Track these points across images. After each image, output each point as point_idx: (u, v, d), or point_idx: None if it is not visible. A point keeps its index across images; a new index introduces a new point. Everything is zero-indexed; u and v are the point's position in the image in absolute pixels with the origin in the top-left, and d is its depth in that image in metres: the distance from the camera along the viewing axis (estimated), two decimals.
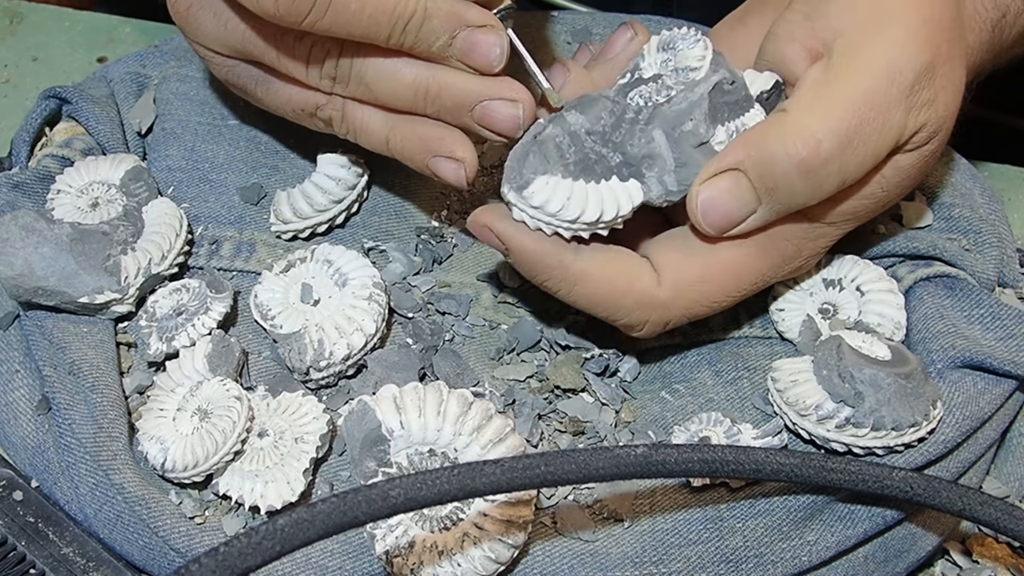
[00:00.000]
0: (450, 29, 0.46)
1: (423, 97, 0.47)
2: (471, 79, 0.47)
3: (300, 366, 0.50)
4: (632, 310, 0.47)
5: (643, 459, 0.41)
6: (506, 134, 0.47)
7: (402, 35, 0.45)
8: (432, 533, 0.45)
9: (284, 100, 0.51)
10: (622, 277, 0.47)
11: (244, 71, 0.51)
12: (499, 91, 0.47)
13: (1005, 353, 0.50)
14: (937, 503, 0.44)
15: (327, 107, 0.50)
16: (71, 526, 0.49)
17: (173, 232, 0.54)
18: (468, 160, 0.48)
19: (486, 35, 0.46)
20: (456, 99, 0.47)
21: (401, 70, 0.47)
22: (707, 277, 0.47)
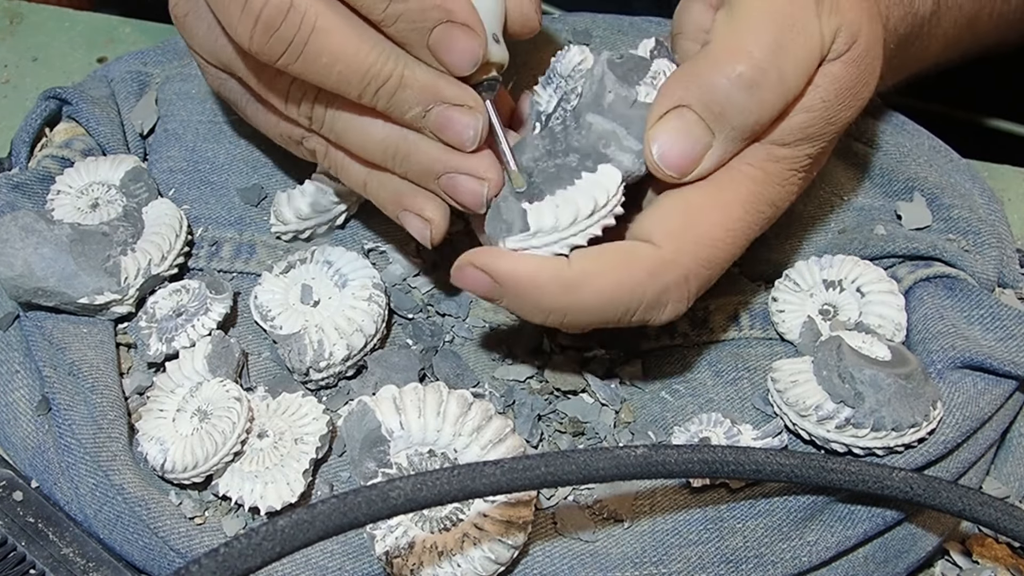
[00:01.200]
0: (424, 103, 0.44)
1: (391, 157, 0.46)
2: (441, 148, 0.46)
3: (300, 367, 0.50)
4: (645, 285, 0.44)
5: (643, 460, 0.41)
6: (470, 208, 0.46)
7: (374, 97, 0.44)
8: (432, 534, 0.45)
9: (271, 125, 0.50)
10: (620, 258, 0.45)
11: (235, 87, 0.51)
12: (467, 166, 0.46)
13: (1005, 353, 0.50)
14: (937, 503, 0.44)
15: (312, 139, 0.49)
16: (71, 526, 0.49)
17: (173, 233, 0.54)
18: (435, 222, 0.47)
19: (461, 115, 0.45)
20: (423, 165, 0.46)
21: (372, 127, 0.46)
22: (695, 219, 0.45)
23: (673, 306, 0.45)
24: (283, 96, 0.47)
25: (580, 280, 0.44)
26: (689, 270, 0.45)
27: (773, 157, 0.47)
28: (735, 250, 0.46)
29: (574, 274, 0.44)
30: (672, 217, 0.46)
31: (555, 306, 0.44)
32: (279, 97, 0.47)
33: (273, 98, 0.47)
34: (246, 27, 0.43)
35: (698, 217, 0.45)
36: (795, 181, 0.48)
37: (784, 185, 0.47)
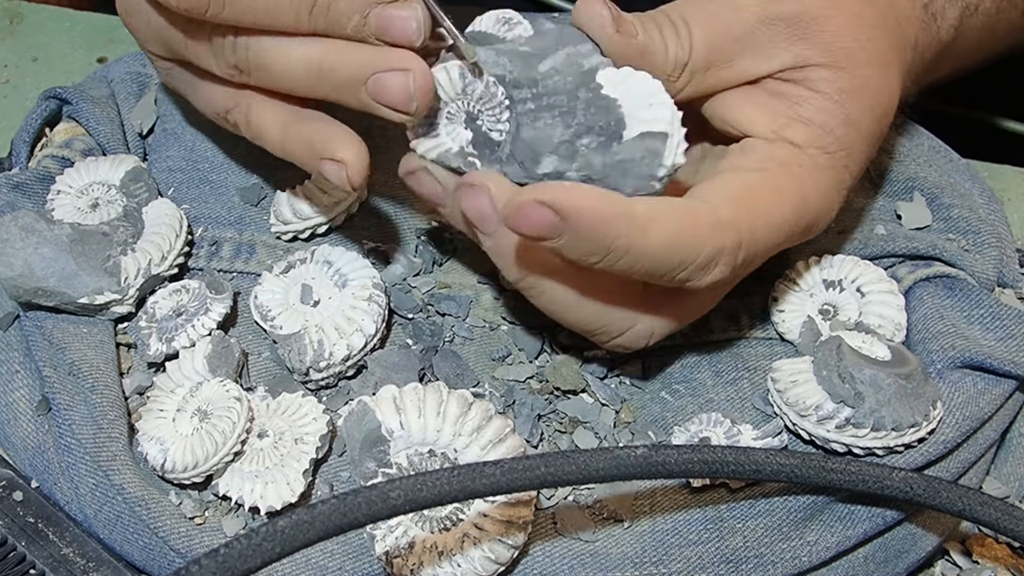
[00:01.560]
0: (360, 9, 0.44)
1: (316, 76, 0.45)
2: (362, 52, 0.45)
3: (300, 367, 0.50)
4: (705, 239, 0.43)
5: (643, 460, 0.41)
6: (399, 107, 0.44)
7: (310, 18, 0.44)
8: (432, 534, 0.45)
9: (206, 102, 0.51)
10: (685, 208, 0.44)
11: (179, 74, 0.51)
12: (389, 62, 0.44)
13: (1005, 353, 0.50)
14: (937, 503, 0.44)
15: (233, 112, 0.49)
16: (71, 526, 0.49)
17: (173, 233, 0.54)
18: (350, 161, 0.46)
19: (399, 9, 0.44)
20: (349, 74, 0.45)
21: (294, 49, 0.45)
22: (754, 195, 0.45)
23: (720, 270, 0.44)
24: (207, 43, 0.47)
25: (647, 219, 0.42)
26: (743, 237, 0.44)
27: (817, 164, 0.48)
28: (778, 238, 0.46)
29: (642, 212, 0.42)
30: (733, 187, 0.46)
31: (618, 244, 0.42)
32: (207, 54, 0.47)
33: (203, 55, 0.47)
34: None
35: (757, 194, 0.46)
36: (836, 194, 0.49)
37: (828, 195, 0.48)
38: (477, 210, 0.44)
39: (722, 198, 0.45)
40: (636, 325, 0.47)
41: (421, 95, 0.44)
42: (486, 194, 0.44)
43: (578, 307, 0.46)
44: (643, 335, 0.48)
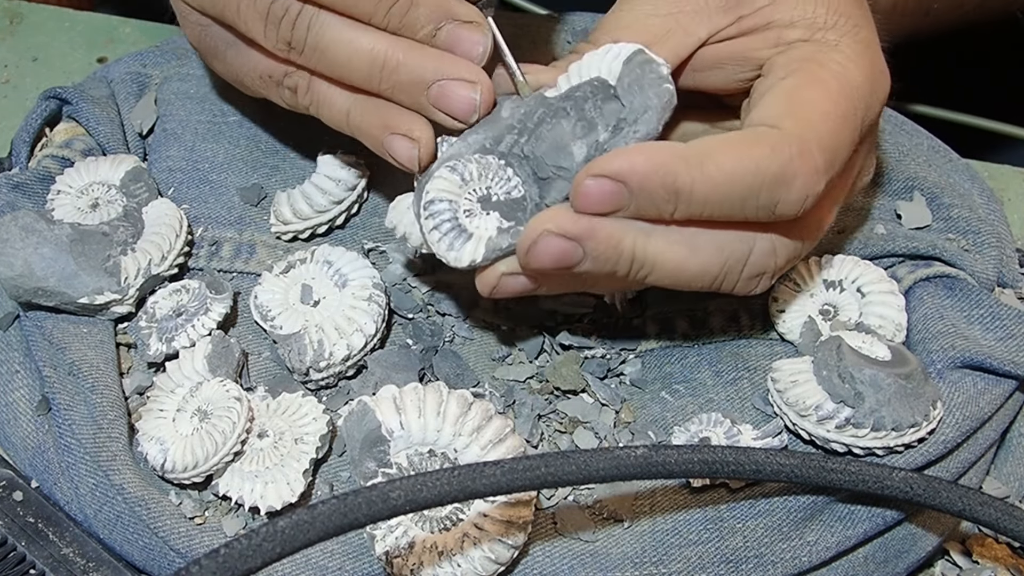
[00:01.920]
0: (436, 20, 0.45)
1: (379, 70, 0.45)
2: (430, 57, 0.45)
3: (300, 367, 0.50)
4: (769, 158, 0.42)
5: (643, 460, 0.41)
6: (461, 118, 0.45)
7: (386, 16, 0.44)
8: (432, 534, 0.45)
9: (252, 66, 0.49)
10: (739, 137, 0.43)
11: (216, 32, 0.50)
12: (458, 71, 0.45)
13: (1005, 353, 0.50)
14: (937, 503, 0.44)
15: (294, 75, 0.48)
16: (71, 526, 0.49)
17: (173, 233, 0.54)
18: (424, 141, 0.46)
19: (471, 32, 0.45)
20: (413, 75, 0.45)
21: (359, 39, 0.45)
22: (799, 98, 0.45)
23: (803, 180, 0.43)
24: (263, 19, 0.46)
25: (702, 154, 0.42)
26: (810, 141, 0.43)
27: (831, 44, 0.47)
28: (843, 123, 0.45)
29: (695, 150, 0.42)
30: (777, 103, 0.45)
31: (680, 184, 0.42)
32: (260, 21, 0.46)
33: (254, 25, 0.46)
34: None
35: (801, 96, 0.45)
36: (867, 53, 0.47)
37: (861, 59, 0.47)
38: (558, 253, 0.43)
39: (774, 117, 0.44)
40: (755, 244, 0.45)
41: (484, 109, 0.46)
42: (551, 238, 0.43)
43: (693, 256, 0.44)
44: (767, 253, 0.45)
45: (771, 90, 0.46)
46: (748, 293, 0.46)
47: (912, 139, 0.60)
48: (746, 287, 0.46)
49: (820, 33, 0.47)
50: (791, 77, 0.46)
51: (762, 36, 0.48)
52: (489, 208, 0.45)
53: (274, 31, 0.46)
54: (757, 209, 0.43)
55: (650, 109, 0.44)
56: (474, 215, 0.45)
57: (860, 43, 0.47)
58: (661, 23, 0.48)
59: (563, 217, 0.43)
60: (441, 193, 0.45)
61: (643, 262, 0.44)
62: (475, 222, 0.45)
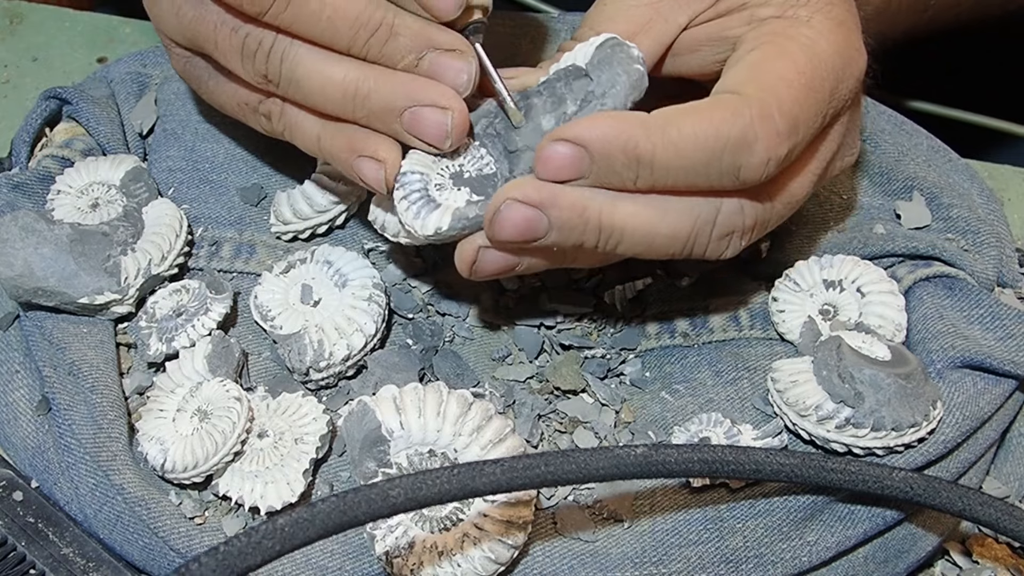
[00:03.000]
0: (417, 50, 0.44)
1: (352, 99, 0.45)
2: (401, 83, 0.45)
3: (300, 367, 0.50)
4: (729, 121, 0.43)
5: (643, 459, 0.41)
6: (434, 142, 0.45)
7: (364, 46, 0.44)
8: (432, 533, 0.45)
9: (230, 94, 0.50)
10: (700, 104, 0.44)
11: (198, 63, 0.51)
12: (430, 97, 0.44)
13: (1005, 353, 0.50)
14: (937, 503, 0.44)
15: (267, 102, 0.48)
16: (71, 526, 0.49)
17: (173, 233, 0.54)
18: (390, 161, 0.45)
19: (454, 60, 0.45)
20: (385, 102, 0.45)
21: (331, 69, 0.45)
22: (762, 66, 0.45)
23: (764, 143, 0.43)
24: (239, 53, 0.46)
25: (663, 121, 0.43)
26: (770, 104, 0.44)
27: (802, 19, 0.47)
28: (808, 93, 0.45)
29: (656, 117, 0.43)
30: (740, 72, 0.46)
31: (642, 151, 0.42)
32: (236, 54, 0.46)
33: (232, 58, 0.47)
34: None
35: (765, 65, 0.45)
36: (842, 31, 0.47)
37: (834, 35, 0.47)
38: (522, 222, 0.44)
39: (734, 84, 0.45)
40: (723, 204, 0.45)
41: (457, 134, 0.45)
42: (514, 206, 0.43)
43: (661, 220, 0.45)
44: (735, 212, 0.45)
45: (738, 62, 0.46)
46: (719, 256, 0.47)
47: (912, 139, 0.60)
48: (717, 249, 0.46)
49: (792, 10, 0.47)
50: (758, 49, 0.46)
51: (737, 15, 0.48)
52: (461, 184, 0.46)
53: (250, 64, 0.46)
54: (721, 174, 0.43)
55: (618, 84, 0.44)
56: (445, 189, 0.46)
57: (832, 20, 0.47)
58: (642, 13, 0.48)
59: (527, 186, 0.44)
60: (414, 166, 0.46)
61: (611, 230, 0.44)
62: (444, 195, 0.46)
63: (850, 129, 0.50)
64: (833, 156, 0.49)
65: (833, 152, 0.49)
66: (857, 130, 0.52)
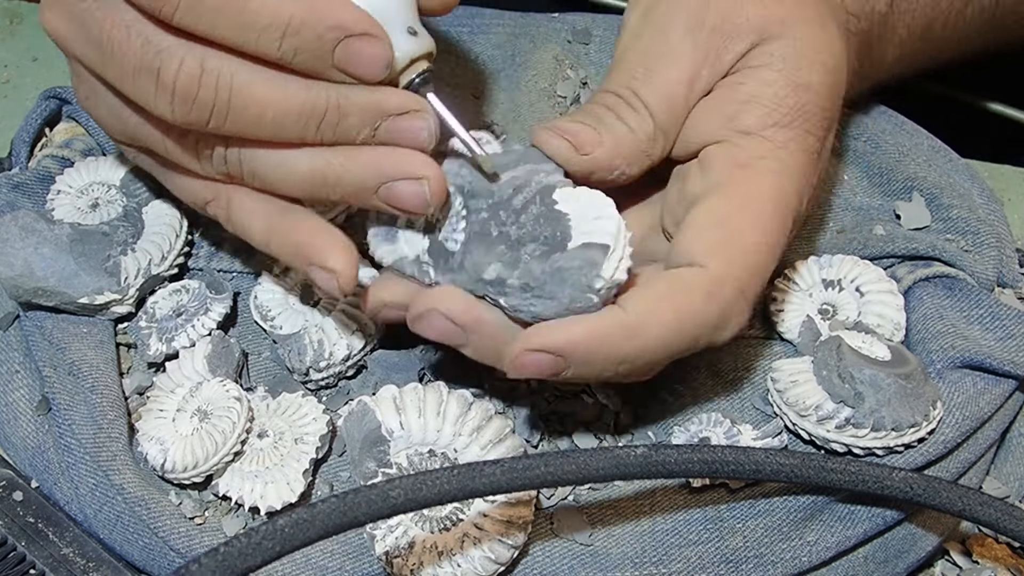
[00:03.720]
0: (371, 122, 0.43)
1: (323, 186, 0.44)
2: (369, 163, 0.43)
3: (300, 367, 0.50)
4: (706, 309, 0.43)
5: (643, 459, 0.41)
6: (417, 212, 0.44)
7: (317, 133, 0.42)
8: (432, 533, 0.45)
9: (180, 192, 0.48)
10: (672, 289, 0.43)
11: (145, 160, 0.49)
12: (400, 170, 0.43)
13: (1004, 353, 0.50)
14: (937, 503, 0.44)
15: (213, 205, 0.47)
16: (71, 526, 0.49)
17: (173, 233, 0.54)
18: (340, 271, 0.44)
19: (410, 121, 0.43)
20: (357, 183, 0.43)
21: (294, 161, 0.43)
22: (731, 229, 0.44)
23: (736, 320, 0.44)
24: (193, 152, 0.45)
25: (641, 321, 0.42)
26: (742, 281, 0.44)
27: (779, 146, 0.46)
28: (776, 250, 0.45)
29: (634, 318, 0.42)
30: (707, 233, 0.45)
31: (624, 355, 0.42)
32: (191, 155, 0.45)
33: (185, 158, 0.45)
34: (165, 102, 0.41)
35: (733, 226, 0.45)
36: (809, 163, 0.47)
37: (801, 169, 0.46)
38: (440, 333, 0.44)
39: (704, 253, 0.44)
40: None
41: (436, 200, 0.44)
42: (438, 317, 0.44)
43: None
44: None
45: (700, 213, 0.45)
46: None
47: (912, 139, 0.60)
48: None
49: (771, 130, 0.46)
50: (726, 191, 0.45)
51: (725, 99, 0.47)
52: (427, 235, 0.45)
53: (209, 166, 0.45)
54: (694, 350, 0.44)
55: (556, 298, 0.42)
56: (413, 229, 0.46)
57: (804, 152, 0.47)
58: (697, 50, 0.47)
59: (456, 302, 0.43)
60: None
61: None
62: (407, 235, 0.46)
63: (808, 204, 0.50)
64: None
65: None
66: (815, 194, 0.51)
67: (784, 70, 0.47)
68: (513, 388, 0.52)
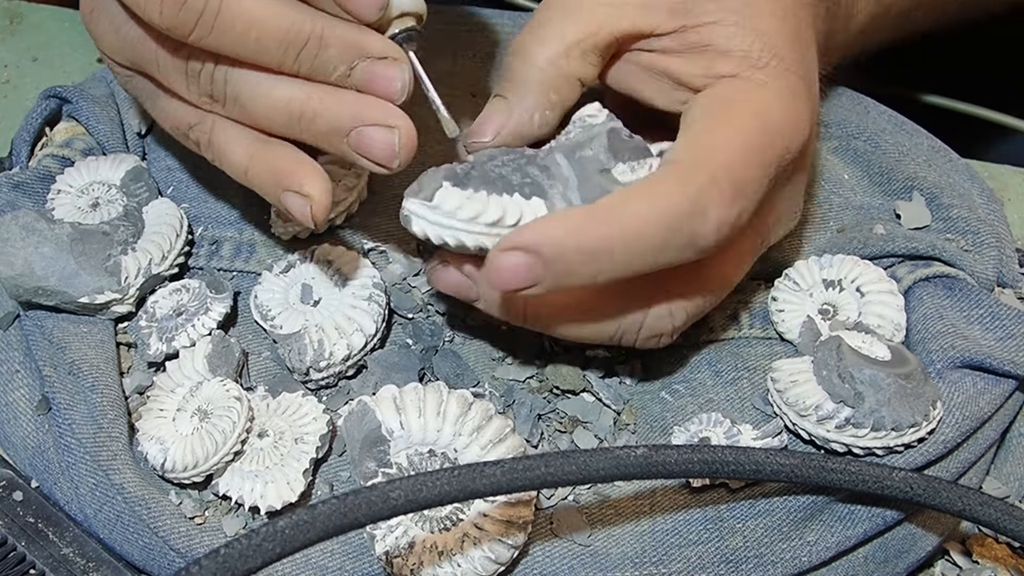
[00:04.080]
0: (348, 60, 0.43)
1: (297, 121, 0.44)
2: (347, 103, 0.44)
3: (300, 366, 0.50)
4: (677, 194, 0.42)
5: (643, 460, 0.41)
6: (382, 162, 0.44)
7: (295, 62, 0.43)
8: (432, 534, 0.45)
9: (166, 116, 0.49)
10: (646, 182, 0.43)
11: (139, 83, 0.49)
12: (375, 116, 0.44)
13: (1004, 353, 0.50)
14: (937, 503, 0.44)
15: (196, 129, 0.47)
16: (71, 526, 0.49)
17: (173, 232, 0.54)
18: (315, 197, 0.44)
19: (387, 68, 0.43)
20: (331, 123, 0.44)
21: (276, 89, 0.44)
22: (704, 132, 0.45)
23: (716, 212, 0.43)
24: (182, 70, 0.45)
25: (614, 210, 0.42)
26: (714, 172, 0.43)
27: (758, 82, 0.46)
28: (756, 161, 0.44)
29: (606, 207, 0.42)
30: (682, 142, 0.45)
31: (600, 244, 0.42)
32: (179, 73, 0.45)
33: (176, 79, 0.46)
34: (155, 3, 0.42)
35: (713, 132, 0.45)
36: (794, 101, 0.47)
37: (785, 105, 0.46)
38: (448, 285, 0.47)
39: (677, 155, 0.44)
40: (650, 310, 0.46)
41: (405, 153, 0.44)
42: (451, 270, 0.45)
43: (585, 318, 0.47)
44: (663, 317, 0.47)
45: (686, 131, 0.46)
46: (649, 347, 0.48)
47: (912, 139, 0.60)
48: (645, 344, 0.48)
49: (750, 71, 0.47)
50: (706, 117, 0.46)
51: (698, 59, 0.47)
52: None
53: (195, 86, 0.45)
54: (680, 248, 0.43)
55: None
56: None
57: (787, 88, 0.47)
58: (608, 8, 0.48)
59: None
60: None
61: (536, 319, 0.47)
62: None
63: (792, 196, 0.50)
64: (772, 229, 0.49)
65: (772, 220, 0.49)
66: (800, 196, 0.52)
67: (741, 24, 0.47)
68: (513, 388, 0.52)
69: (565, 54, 0.47)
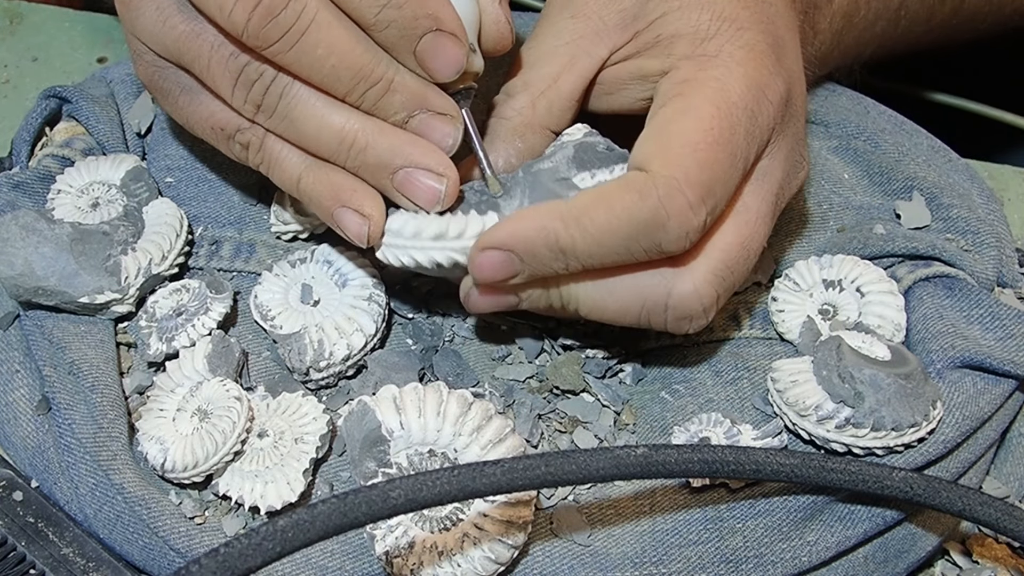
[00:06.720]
0: (411, 108, 0.45)
1: (347, 148, 0.45)
2: (400, 142, 0.45)
3: (300, 366, 0.50)
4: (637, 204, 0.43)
5: (643, 460, 0.41)
6: (423, 205, 0.46)
7: (361, 97, 0.44)
8: (432, 533, 0.45)
9: (206, 115, 0.48)
10: (612, 187, 0.44)
11: (172, 75, 0.48)
12: (428, 162, 0.45)
13: (1004, 353, 0.50)
14: (937, 503, 0.44)
15: (248, 131, 0.47)
16: (71, 526, 0.49)
17: (173, 232, 0.54)
18: (375, 219, 0.46)
19: (443, 123, 0.46)
20: (380, 158, 0.45)
21: (331, 115, 0.45)
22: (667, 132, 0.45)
23: (677, 220, 0.43)
24: (234, 77, 0.45)
25: (579, 211, 0.44)
26: (677, 179, 0.43)
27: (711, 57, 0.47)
28: (721, 149, 0.44)
29: (572, 207, 0.44)
30: (648, 141, 0.45)
31: (566, 242, 0.44)
32: (230, 79, 0.45)
33: (222, 80, 0.46)
34: (244, 9, 0.42)
35: (671, 131, 0.45)
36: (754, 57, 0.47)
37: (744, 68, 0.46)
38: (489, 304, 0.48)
39: (642, 158, 0.45)
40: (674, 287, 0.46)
41: (448, 202, 0.46)
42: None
43: (610, 297, 0.46)
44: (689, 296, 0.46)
45: (648, 124, 0.46)
46: (684, 332, 0.47)
47: (912, 139, 0.60)
48: (678, 327, 0.47)
49: (702, 45, 0.47)
50: (666, 107, 0.46)
51: (654, 53, 0.48)
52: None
53: (244, 92, 0.45)
54: (645, 252, 0.44)
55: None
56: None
57: (742, 48, 0.47)
58: (566, 50, 0.50)
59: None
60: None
61: (568, 299, 0.47)
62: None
63: (792, 148, 0.50)
64: (781, 186, 0.49)
65: (779, 182, 0.49)
66: (802, 145, 0.51)
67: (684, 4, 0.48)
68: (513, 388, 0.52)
69: (531, 105, 0.50)
